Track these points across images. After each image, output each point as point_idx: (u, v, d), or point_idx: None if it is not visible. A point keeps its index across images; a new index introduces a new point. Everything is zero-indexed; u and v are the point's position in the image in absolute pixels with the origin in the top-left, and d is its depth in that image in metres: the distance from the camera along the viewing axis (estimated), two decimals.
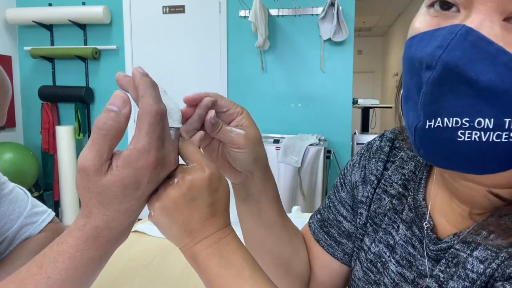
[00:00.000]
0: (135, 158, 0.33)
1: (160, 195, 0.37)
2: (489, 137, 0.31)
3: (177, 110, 0.39)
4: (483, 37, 0.30)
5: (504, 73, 0.30)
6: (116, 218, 0.35)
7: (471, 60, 0.30)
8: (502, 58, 0.30)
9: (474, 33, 0.30)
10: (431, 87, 0.32)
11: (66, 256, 0.35)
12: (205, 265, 0.38)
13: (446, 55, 0.31)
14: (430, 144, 0.35)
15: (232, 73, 3.38)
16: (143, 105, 0.33)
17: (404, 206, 0.50)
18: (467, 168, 0.35)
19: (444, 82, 0.31)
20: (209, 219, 0.38)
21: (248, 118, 0.48)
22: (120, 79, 0.37)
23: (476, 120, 0.31)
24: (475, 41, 0.30)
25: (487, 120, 0.31)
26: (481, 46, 0.30)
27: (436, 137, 0.33)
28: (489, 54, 0.30)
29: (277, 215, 0.55)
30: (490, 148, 0.31)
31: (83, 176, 0.33)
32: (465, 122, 0.32)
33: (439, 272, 0.41)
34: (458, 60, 0.30)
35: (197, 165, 0.37)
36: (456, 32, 0.31)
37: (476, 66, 0.30)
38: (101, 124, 0.32)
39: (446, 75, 0.31)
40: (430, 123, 0.33)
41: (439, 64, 0.31)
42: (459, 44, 0.31)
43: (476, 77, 0.30)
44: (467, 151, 0.32)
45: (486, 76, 0.30)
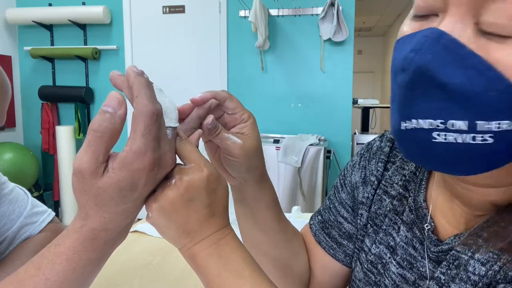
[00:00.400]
0: (131, 160, 0.32)
1: (158, 196, 0.36)
2: (464, 139, 0.31)
3: (174, 109, 0.38)
4: (455, 40, 0.31)
5: (473, 76, 0.30)
6: (113, 220, 0.35)
7: (442, 63, 0.31)
8: (471, 61, 0.30)
9: (446, 37, 0.31)
10: (405, 89, 0.33)
11: (63, 258, 0.35)
12: (204, 265, 0.38)
13: (418, 58, 0.31)
14: (408, 145, 0.35)
15: (232, 73, 3.38)
16: (138, 105, 0.33)
17: (404, 207, 0.50)
18: (448, 169, 0.35)
19: (417, 85, 0.32)
20: (207, 220, 0.38)
21: (251, 127, 0.46)
22: (114, 78, 0.36)
23: (449, 122, 0.31)
24: (446, 44, 0.31)
25: (460, 122, 0.31)
26: (453, 49, 0.31)
27: (413, 138, 0.34)
28: (460, 57, 0.30)
29: (273, 220, 0.54)
30: (467, 149, 0.32)
31: (79, 178, 0.33)
32: (439, 124, 0.32)
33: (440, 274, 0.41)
34: (429, 63, 0.31)
35: (195, 165, 0.37)
36: (428, 36, 0.31)
37: (447, 69, 0.31)
38: (97, 126, 0.32)
39: (418, 78, 0.32)
40: (405, 125, 0.34)
41: (411, 67, 0.32)
42: (431, 47, 0.31)
43: (447, 80, 0.31)
44: (444, 152, 0.33)
45: (457, 79, 0.30)
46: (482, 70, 0.30)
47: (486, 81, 0.30)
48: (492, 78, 0.30)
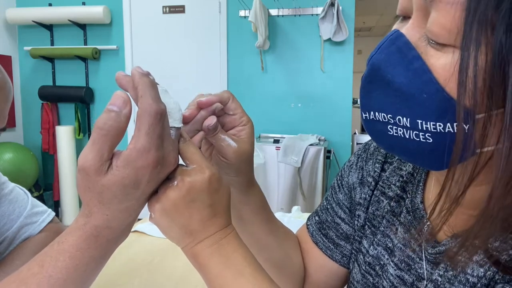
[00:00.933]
0: (135, 158, 0.33)
1: (160, 197, 0.37)
2: (410, 134, 0.34)
3: (178, 109, 0.38)
4: (407, 43, 0.34)
5: (413, 78, 0.33)
6: (116, 218, 0.35)
7: (391, 63, 0.34)
8: (414, 64, 0.33)
9: (402, 39, 0.34)
10: (363, 83, 0.37)
11: (66, 255, 0.35)
12: (206, 264, 0.38)
13: (375, 56, 0.35)
14: (372, 134, 0.39)
15: (232, 73, 3.38)
16: (142, 105, 0.33)
17: (402, 208, 0.50)
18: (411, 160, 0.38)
19: (372, 80, 0.36)
20: (209, 220, 0.38)
21: (248, 132, 0.47)
22: (119, 78, 0.37)
23: (396, 117, 0.35)
24: (400, 46, 0.34)
25: (404, 118, 0.34)
26: (403, 51, 0.34)
27: (373, 128, 0.38)
28: (407, 59, 0.33)
29: (261, 223, 0.54)
30: (414, 145, 0.34)
31: (84, 176, 0.33)
32: (390, 118, 0.35)
33: (438, 277, 0.41)
34: (381, 62, 0.35)
35: (197, 166, 0.37)
36: (388, 37, 0.35)
37: (394, 69, 0.34)
38: (102, 124, 0.32)
39: (372, 74, 0.36)
40: (366, 115, 0.38)
41: (369, 64, 0.36)
42: (386, 48, 0.35)
43: (392, 79, 0.34)
44: (400, 145, 0.36)
45: (399, 79, 0.33)
46: (420, 72, 0.33)
47: (421, 84, 0.32)
48: (426, 81, 0.32)
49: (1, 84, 0.64)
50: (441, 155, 0.33)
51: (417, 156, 0.36)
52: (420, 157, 0.35)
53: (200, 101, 0.43)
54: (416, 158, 0.37)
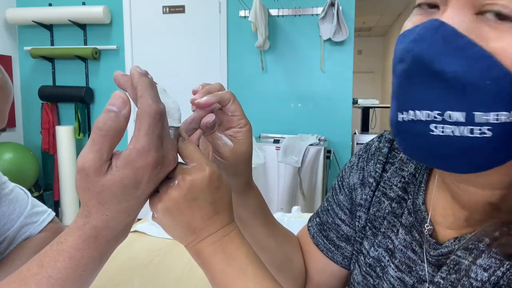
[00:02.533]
0: (134, 158, 0.33)
1: (162, 196, 0.37)
2: (462, 131, 0.31)
3: (177, 109, 0.38)
4: (453, 30, 0.31)
5: (470, 65, 0.30)
6: (116, 218, 0.35)
7: (440, 53, 0.31)
8: (469, 50, 0.30)
9: (446, 27, 0.31)
10: (402, 79, 0.33)
11: (66, 255, 0.35)
12: (209, 262, 0.38)
13: (416, 47, 0.32)
14: (405, 138, 0.35)
15: (232, 73, 3.38)
16: (142, 105, 0.33)
17: (403, 210, 0.49)
18: (446, 165, 0.35)
19: (413, 74, 0.32)
20: (211, 218, 0.38)
21: (245, 134, 0.46)
22: (118, 78, 0.36)
23: (446, 113, 0.31)
24: (445, 35, 0.31)
25: (457, 113, 0.31)
26: (451, 39, 0.31)
27: (410, 130, 0.34)
28: (458, 47, 0.31)
29: (260, 226, 0.54)
30: (465, 143, 0.31)
31: (83, 176, 0.33)
32: (436, 116, 0.32)
33: (440, 279, 0.40)
34: (426, 51, 0.31)
35: (197, 164, 0.37)
36: (428, 26, 0.32)
37: (444, 58, 0.31)
38: (101, 125, 0.32)
39: (415, 67, 0.32)
40: (402, 116, 0.34)
41: (409, 56, 0.32)
42: (429, 37, 0.32)
43: (443, 68, 0.31)
44: (442, 147, 0.32)
45: (453, 67, 0.30)
46: (479, 58, 0.30)
47: (482, 70, 0.29)
48: (489, 67, 0.29)
49: (2, 84, 0.64)
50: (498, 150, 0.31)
51: (458, 157, 0.32)
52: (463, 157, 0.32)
53: (198, 103, 0.43)
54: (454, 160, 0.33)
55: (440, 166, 0.36)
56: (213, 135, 0.44)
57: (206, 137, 0.45)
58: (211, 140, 0.45)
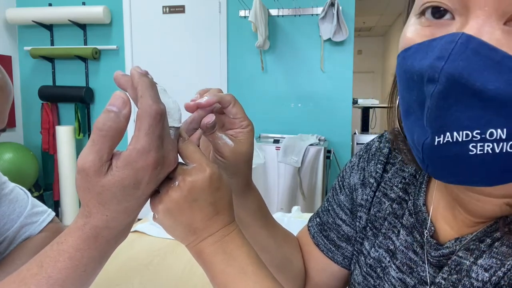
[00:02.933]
0: (135, 159, 0.33)
1: (162, 197, 0.37)
2: (502, 147, 0.29)
3: (177, 109, 0.38)
4: (486, 44, 0.29)
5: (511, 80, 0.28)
6: (116, 218, 0.35)
7: (476, 69, 0.28)
8: (508, 64, 0.28)
9: (476, 40, 0.29)
10: (436, 100, 0.30)
11: (66, 255, 0.35)
12: (210, 261, 0.38)
13: (448, 66, 0.29)
14: (440, 161, 0.33)
15: (232, 73, 3.38)
16: (142, 105, 0.33)
17: (404, 210, 0.49)
18: (477, 181, 0.33)
19: (450, 94, 0.29)
20: (212, 218, 0.38)
21: (247, 135, 0.46)
22: (118, 78, 0.36)
23: (488, 131, 0.29)
24: (477, 49, 0.29)
25: (499, 130, 0.29)
26: (485, 54, 0.28)
27: (446, 153, 0.32)
28: (494, 62, 0.28)
29: (259, 227, 0.54)
30: (504, 158, 0.30)
31: (83, 176, 0.33)
32: (476, 135, 0.30)
33: (442, 280, 0.40)
34: (462, 70, 0.29)
35: (197, 165, 0.37)
36: (456, 41, 0.29)
37: (482, 75, 0.28)
38: (101, 125, 0.32)
39: (451, 87, 0.29)
40: (439, 139, 0.31)
41: (442, 76, 0.29)
42: (461, 53, 0.29)
43: (483, 86, 0.28)
44: (478, 164, 0.31)
45: (493, 84, 0.28)
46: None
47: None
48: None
49: (2, 85, 0.64)
50: None
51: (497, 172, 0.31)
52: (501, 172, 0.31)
53: (199, 103, 0.43)
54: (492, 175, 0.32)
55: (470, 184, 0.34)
56: (214, 135, 0.44)
57: (207, 136, 0.45)
58: (212, 139, 0.45)
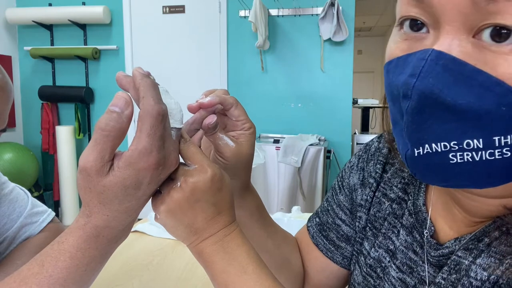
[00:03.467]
0: (136, 159, 0.33)
1: (164, 198, 0.37)
2: (481, 156, 0.30)
3: (179, 110, 0.39)
4: (455, 59, 0.29)
5: (482, 94, 0.29)
6: (117, 218, 0.36)
7: (446, 85, 0.29)
8: (477, 78, 0.29)
9: (445, 56, 0.29)
10: (411, 116, 0.31)
11: (67, 255, 0.36)
12: (210, 261, 0.38)
13: (419, 83, 0.30)
14: (424, 169, 0.34)
15: (232, 73, 3.38)
16: (144, 106, 0.34)
17: (404, 210, 0.49)
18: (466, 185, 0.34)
19: (423, 110, 0.31)
20: (213, 218, 0.38)
21: (249, 137, 0.46)
22: (120, 79, 0.37)
23: (464, 142, 0.30)
24: (447, 65, 0.29)
25: (475, 140, 0.30)
26: (454, 69, 0.29)
27: (428, 162, 0.33)
28: (464, 76, 0.29)
29: (258, 227, 0.54)
30: (485, 165, 0.30)
31: (85, 176, 0.33)
32: (453, 145, 0.31)
33: (441, 280, 0.40)
34: (432, 87, 0.29)
35: (199, 166, 0.37)
36: (426, 58, 0.30)
37: (452, 90, 0.29)
38: (104, 125, 0.33)
39: (423, 103, 0.30)
40: (418, 151, 0.32)
41: (414, 94, 0.30)
42: (431, 70, 0.29)
43: (454, 101, 0.29)
44: (462, 171, 0.32)
45: (464, 99, 0.29)
46: (490, 86, 0.28)
47: (496, 97, 0.28)
48: (502, 93, 0.28)
49: (2, 85, 0.64)
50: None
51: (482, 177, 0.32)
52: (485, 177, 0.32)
53: (202, 103, 0.43)
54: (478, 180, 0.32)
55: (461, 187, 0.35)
56: (215, 135, 0.44)
57: (208, 137, 0.45)
58: (213, 140, 0.45)
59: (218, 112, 0.47)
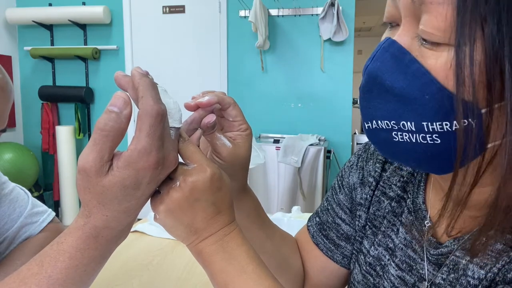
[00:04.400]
0: (136, 159, 0.33)
1: (164, 198, 0.37)
2: (416, 138, 0.34)
3: (178, 110, 0.39)
4: (401, 48, 0.34)
5: (412, 81, 0.33)
6: (116, 218, 0.35)
7: (388, 70, 0.34)
8: (411, 67, 0.33)
9: (395, 45, 0.35)
10: (362, 93, 0.37)
11: (66, 255, 0.36)
12: (210, 261, 0.38)
13: (371, 66, 0.36)
14: (376, 143, 0.39)
15: (232, 73, 3.38)
16: (143, 106, 0.34)
17: (403, 209, 0.50)
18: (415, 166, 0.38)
19: (371, 89, 0.36)
20: (213, 218, 0.38)
21: (245, 138, 0.47)
22: (119, 78, 0.37)
23: (400, 123, 0.34)
24: (394, 53, 0.34)
25: (409, 123, 0.34)
26: (398, 57, 0.34)
27: (377, 137, 0.38)
28: (403, 64, 0.34)
29: (256, 229, 0.54)
30: (422, 148, 0.34)
31: (84, 176, 0.33)
32: (393, 125, 0.35)
33: (441, 280, 0.41)
34: (377, 69, 0.35)
35: (198, 166, 0.37)
36: (381, 45, 0.35)
37: (392, 75, 0.34)
38: (103, 125, 0.33)
39: (370, 83, 0.36)
40: (368, 125, 0.38)
41: (365, 74, 0.36)
42: (380, 56, 0.35)
43: (391, 84, 0.34)
44: (406, 150, 0.36)
45: (399, 83, 0.34)
46: (418, 75, 0.33)
47: (421, 85, 0.32)
48: (426, 83, 0.32)
49: (2, 85, 0.64)
50: (450, 155, 0.33)
51: (425, 160, 0.35)
52: (428, 160, 0.35)
53: (200, 102, 0.44)
54: (423, 163, 0.36)
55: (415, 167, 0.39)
56: (213, 135, 0.45)
57: (206, 136, 0.45)
58: (210, 139, 0.45)
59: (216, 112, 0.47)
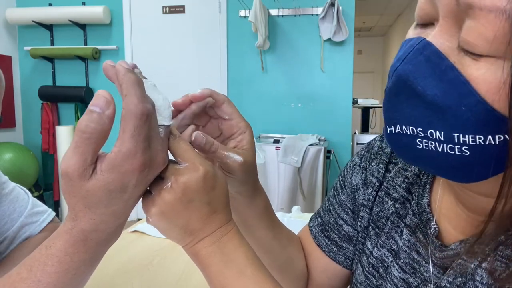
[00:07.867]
0: (120, 162, 0.31)
1: (155, 200, 0.35)
2: (443, 148, 0.32)
3: (167, 106, 0.36)
4: (437, 52, 0.31)
5: (448, 90, 0.30)
6: (104, 221, 0.34)
7: (422, 74, 0.31)
8: (449, 74, 0.30)
9: (430, 48, 0.31)
10: (388, 96, 0.34)
11: (55, 260, 0.34)
12: (207, 263, 0.37)
13: (401, 67, 0.32)
14: (396, 148, 0.36)
15: (232, 73, 3.38)
16: (127, 105, 0.31)
17: (407, 210, 0.49)
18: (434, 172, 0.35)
19: (398, 92, 0.33)
20: (209, 217, 0.37)
21: (249, 139, 0.45)
22: (107, 69, 0.34)
23: (428, 131, 0.32)
24: (429, 56, 0.31)
25: (437, 132, 0.31)
26: (434, 61, 0.31)
27: (399, 142, 0.35)
28: (439, 70, 0.31)
29: (265, 228, 0.53)
30: (448, 158, 0.32)
31: (67, 181, 0.32)
32: (419, 132, 0.33)
33: (447, 283, 0.40)
34: (409, 73, 0.32)
35: (190, 164, 0.36)
36: (414, 46, 0.32)
37: (426, 80, 0.31)
38: (84, 127, 0.31)
39: (399, 86, 0.33)
40: (390, 129, 0.35)
41: (394, 76, 0.33)
42: (414, 58, 0.32)
43: (423, 91, 0.31)
44: (429, 158, 0.33)
45: (432, 91, 0.31)
46: (457, 84, 0.30)
47: (459, 96, 0.30)
48: (465, 93, 0.29)
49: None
50: (477, 167, 0.31)
51: (447, 169, 0.33)
52: (451, 170, 0.33)
53: (193, 95, 0.43)
54: (444, 171, 0.34)
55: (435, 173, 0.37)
56: (220, 155, 0.42)
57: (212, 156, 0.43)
58: (219, 160, 0.43)
59: (211, 117, 0.47)
